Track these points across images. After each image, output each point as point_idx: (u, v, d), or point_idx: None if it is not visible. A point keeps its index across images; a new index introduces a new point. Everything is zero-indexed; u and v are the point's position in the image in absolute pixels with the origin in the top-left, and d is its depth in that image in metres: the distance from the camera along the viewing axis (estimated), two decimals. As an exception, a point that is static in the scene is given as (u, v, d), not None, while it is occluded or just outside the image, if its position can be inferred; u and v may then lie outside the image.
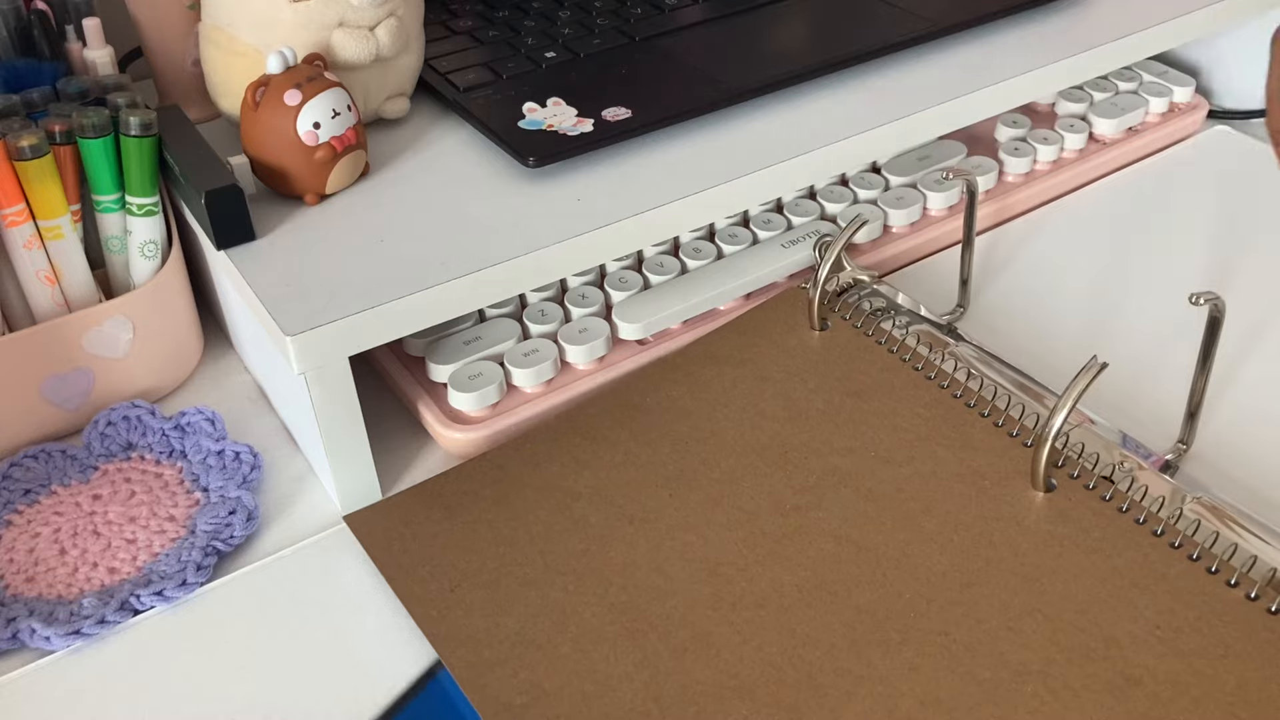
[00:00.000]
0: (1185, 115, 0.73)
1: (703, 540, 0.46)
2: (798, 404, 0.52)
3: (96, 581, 0.47)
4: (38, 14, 0.59)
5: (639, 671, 0.41)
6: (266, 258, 0.50)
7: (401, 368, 0.55)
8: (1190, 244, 0.64)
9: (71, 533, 0.49)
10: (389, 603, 0.45)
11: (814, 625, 0.42)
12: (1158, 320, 0.58)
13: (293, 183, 0.53)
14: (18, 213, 0.51)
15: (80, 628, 0.44)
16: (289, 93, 0.51)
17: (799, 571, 0.44)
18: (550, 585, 0.44)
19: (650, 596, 0.44)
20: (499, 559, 0.46)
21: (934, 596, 0.42)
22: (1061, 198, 0.69)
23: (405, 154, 0.58)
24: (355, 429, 0.49)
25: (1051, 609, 0.41)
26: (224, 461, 0.52)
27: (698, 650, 0.41)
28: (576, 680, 0.41)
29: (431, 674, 0.43)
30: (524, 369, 0.53)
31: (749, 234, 0.61)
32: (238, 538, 0.48)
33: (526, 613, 0.43)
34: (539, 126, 0.56)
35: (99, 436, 0.53)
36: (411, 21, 0.58)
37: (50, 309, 0.53)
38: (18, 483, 0.51)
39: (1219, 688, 0.38)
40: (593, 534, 0.46)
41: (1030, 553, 0.44)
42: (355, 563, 0.47)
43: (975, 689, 0.39)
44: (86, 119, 0.51)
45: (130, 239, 0.54)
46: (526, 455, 0.50)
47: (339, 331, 0.46)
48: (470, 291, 0.49)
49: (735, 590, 0.43)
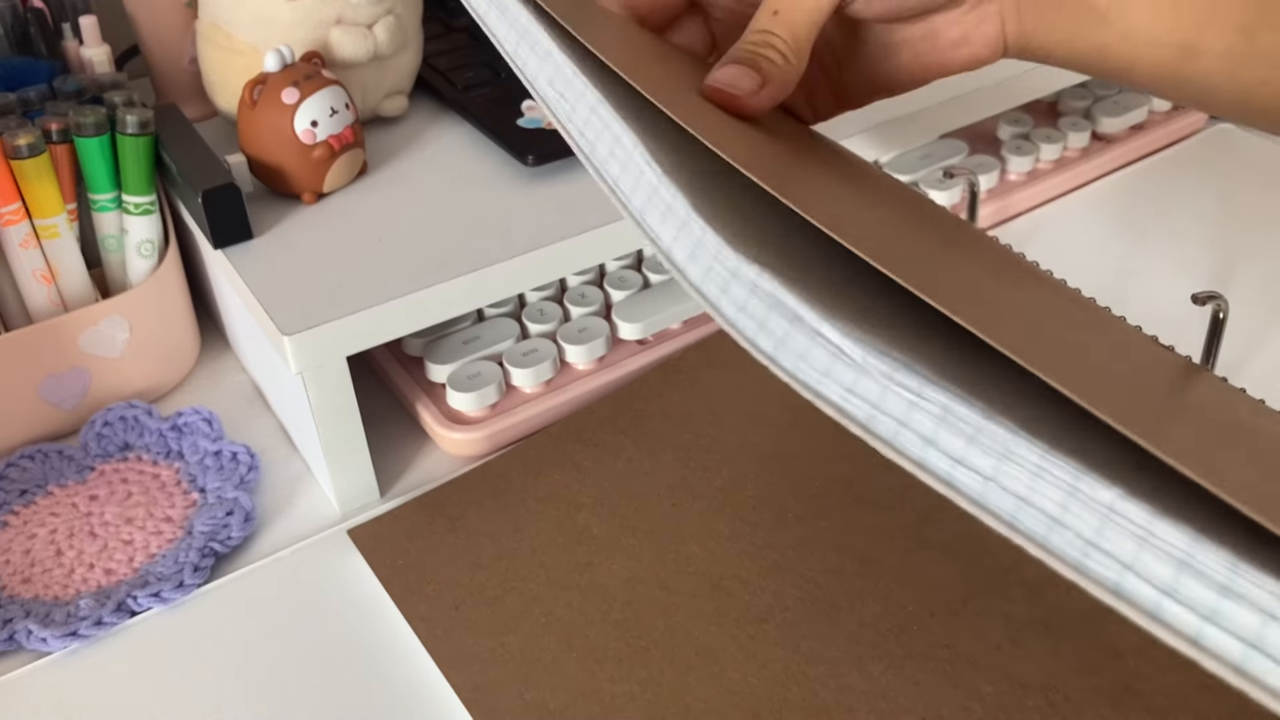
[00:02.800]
0: (1188, 113, 0.73)
1: (706, 552, 0.45)
2: (800, 410, 0.51)
3: (93, 582, 0.47)
4: (34, 12, 0.59)
5: (644, 691, 0.41)
6: (264, 257, 0.50)
7: (400, 368, 0.55)
8: (1193, 243, 0.63)
9: (68, 533, 0.48)
10: (386, 604, 0.45)
11: (817, 641, 0.42)
12: (1160, 320, 0.58)
13: (290, 181, 0.52)
14: (14, 211, 0.50)
15: (77, 629, 0.44)
16: (286, 91, 0.50)
17: (802, 584, 0.44)
18: (554, 601, 0.44)
19: (654, 612, 0.43)
20: (502, 574, 0.45)
21: (936, 609, 0.42)
22: (1064, 196, 0.68)
23: (403, 152, 0.57)
24: (353, 429, 0.49)
25: (1053, 619, 0.41)
26: (221, 462, 0.52)
27: (702, 668, 0.41)
28: (582, 700, 0.40)
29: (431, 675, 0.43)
30: (523, 369, 0.52)
31: (750, 233, 0.60)
32: (235, 539, 0.48)
33: (531, 631, 0.43)
34: (538, 125, 0.56)
35: (96, 437, 0.53)
36: (410, 19, 0.57)
37: (46, 308, 0.53)
38: (14, 483, 0.51)
39: (1221, 700, 0.38)
40: (596, 546, 0.46)
41: (1032, 562, 0.43)
42: (353, 564, 0.47)
43: (977, 704, 0.39)
44: (83, 117, 0.51)
45: (127, 238, 0.54)
46: (528, 464, 0.50)
47: (336, 331, 0.46)
48: (469, 291, 0.49)
49: (739, 605, 0.43)
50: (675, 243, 0.27)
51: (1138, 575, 0.20)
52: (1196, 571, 0.20)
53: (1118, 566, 0.20)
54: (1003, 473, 0.22)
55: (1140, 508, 0.20)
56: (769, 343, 0.25)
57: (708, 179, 0.28)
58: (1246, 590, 0.19)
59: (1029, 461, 0.22)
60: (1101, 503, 0.21)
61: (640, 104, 0.29)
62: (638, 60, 0.32)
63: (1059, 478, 0.21)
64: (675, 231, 0.27)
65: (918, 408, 0.23)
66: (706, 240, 0.27)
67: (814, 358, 0.25)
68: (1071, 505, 0.21)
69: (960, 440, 0.22)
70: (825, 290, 0.26)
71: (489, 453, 0.52)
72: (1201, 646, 0.20)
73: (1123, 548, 0.20)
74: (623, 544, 0.46)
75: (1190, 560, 0.20)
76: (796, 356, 0.25)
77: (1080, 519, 0.21)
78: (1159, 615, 0.20)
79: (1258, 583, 0.19)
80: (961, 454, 0.22)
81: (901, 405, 0.23)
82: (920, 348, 0.24)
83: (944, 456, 0.23)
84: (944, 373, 0.23)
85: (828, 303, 0.25)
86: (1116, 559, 0.20)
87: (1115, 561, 0.20)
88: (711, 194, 0.28)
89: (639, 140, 0.29)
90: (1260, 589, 0.19)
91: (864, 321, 0.25)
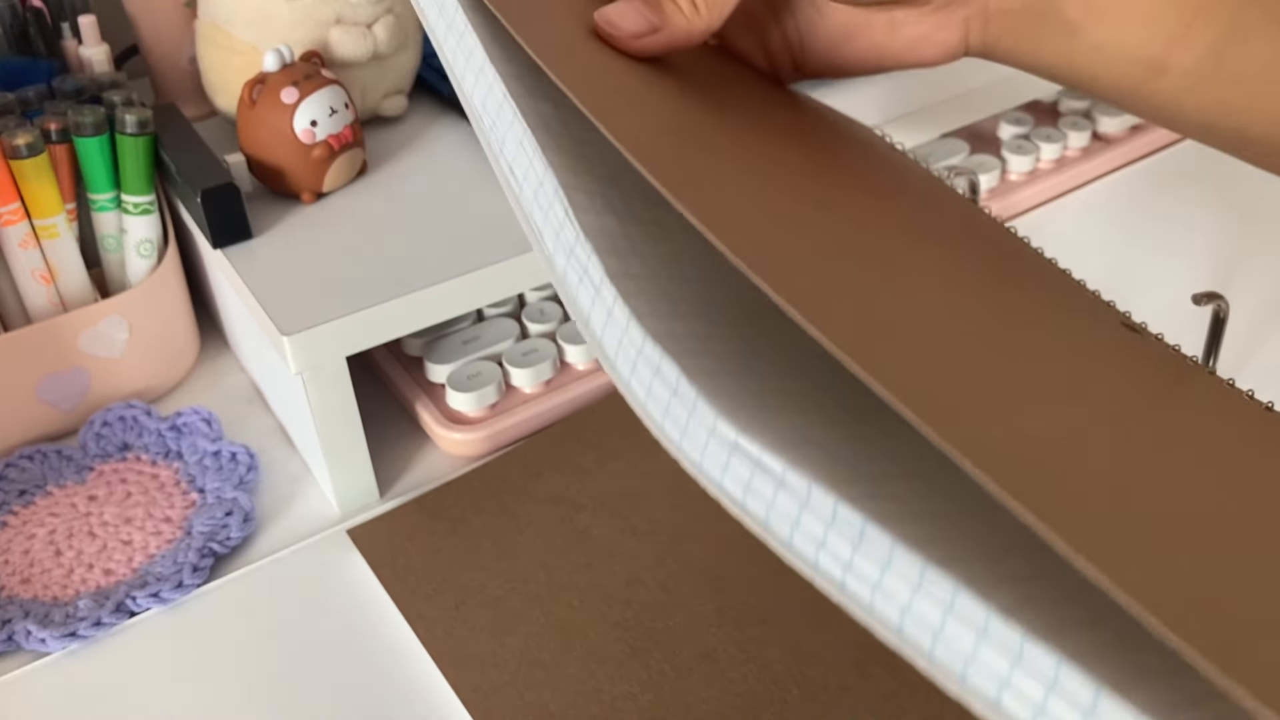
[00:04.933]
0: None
1: (706, 553, 0.45)
2: None
3: (92, 583, 0.46)
4: (33, 11, 0.59)
5: (644, 692, 0.40)
6: (263, 256, 0.50)
7: (399, 368, 0.55)
8: (1193, 243, 0.63)
9: (67, 534, 0.48)
10: (386, 605, 0.45)
11: (817, 642, 0.42)
12: (1161, 320, 0.58)
13: (290, 181, 0.52)
14: (13, 211, 0.50)
15: (76, 629, 0.44)
16: (286, 90, 0.50)
17: (802, 585, 0.43)
18: (554, 602, 0.44)
19: (654, 613, 0.43)
20: (503, 574, 0.45)
21: None
22: (1064, 196, 0.68)
23: (403, 152, 0.57)
24: (353, 429, 0.49)
25: None
26: (220, 462, 0.51)
27: (702, 669, 0.41)
28: (582, 701, 0.40)
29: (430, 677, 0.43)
30: (523, 369, 0.52)
31: (750, 233, 0.60)
32: (234, 539, 0.48)
33: (531, 631, 0.43)
34: (538, 125, 0.56)
35: (95, 437, 0.53)
36: (409, 19, 0.57)
37: (46, 308, 0.52)
38: (13, 483, 0.51)
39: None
40: (596, 547, 0.46)
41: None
42: (352, 564, 0.47)
43: None
44: (82, 117, 0.51)
45: (126, 238, 0.54)
46: (529, 464, 0.50)
47: (336, 331, 0.46)
48: (469, 291, 0.48)
49: (739, 606, 0.43)
50: (592, 309, 0.26)
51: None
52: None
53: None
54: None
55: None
56: (674, 431, 0.26)
57: (634, 203, 0.27)
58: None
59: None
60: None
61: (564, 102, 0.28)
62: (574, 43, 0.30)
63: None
64: (591, 296, 0.26)
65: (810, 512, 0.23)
66: (616, 312, 0.26)
67: (712, 451, 0.25)
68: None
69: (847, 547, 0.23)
70: (737, 353, 0.25)
71: (489, 453, 0.52)
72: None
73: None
74: (623, 545, 0.46)
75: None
76: (699, 449, 0.25)
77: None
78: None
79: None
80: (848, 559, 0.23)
81: (794, 508, 0.23)
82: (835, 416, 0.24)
83: (835, 560, 0.23)
84: (836, 462, 0.23)
85: (730, 383, 0.25)
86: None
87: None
88: (635, 237, 0.27)
89: (560, 187, 0.27)
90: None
91: (764, 403, 0.24)
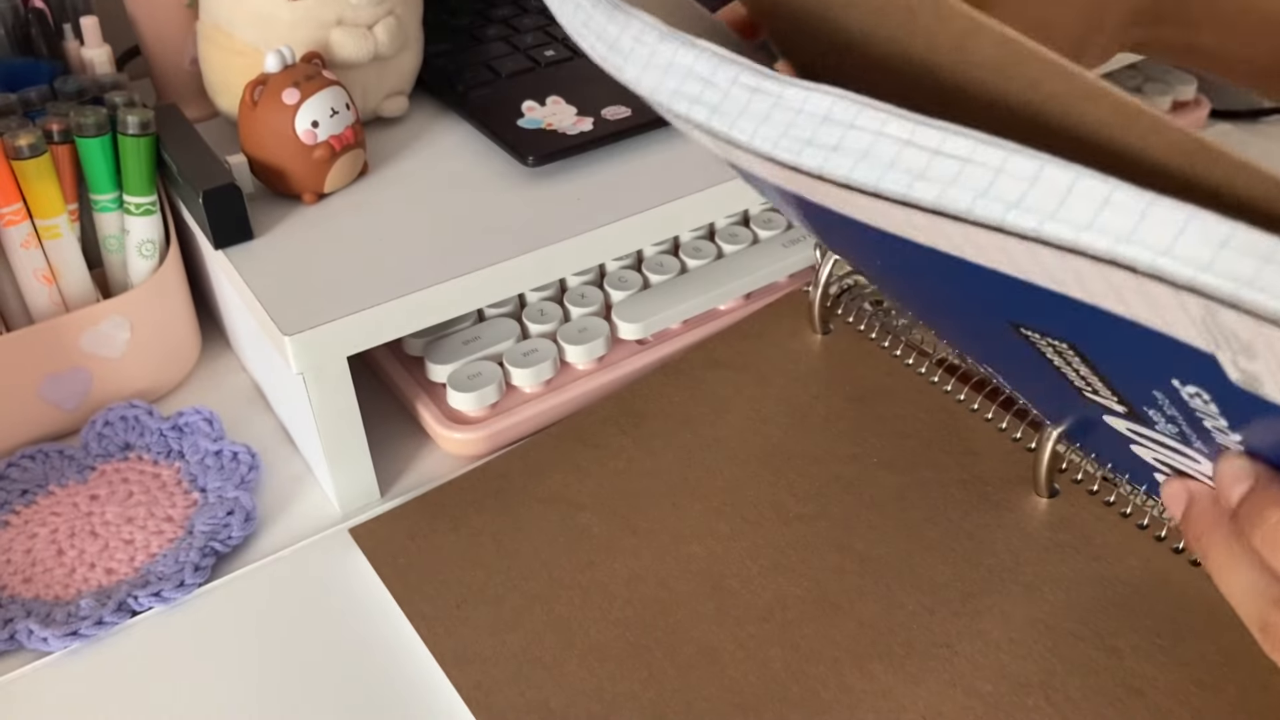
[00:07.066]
0: (1187, 114, 0.73)
1: (707, 551, 0.45)
2: (800, 409, 0.51)
3: (94, 582, 0.47)
4: (35, 12, 0.59)
5: (645, 690, 0.41)
6: (265, 257, 0.50)
7: (400, 368, 0.55)
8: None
9: (69, 533, 0.48)
10: (387, 604, 0.45)
11: (818, 640, 0.42)
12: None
13: (291, 182, 0.52)
14: (15, 212, 0.50)
15: (78, 629, 0.44)
16: (287, 91, 0.51)
17: (802, 583, 0.44)
18: (555, 600, 0.44)
19: (655, 611, 0.43)
20: (504, 572, 0.45)
21: (936, 608, 0.42)
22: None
23: (404, 153, 0.57)
24: (354, 429, 0.49)
25: (1053, 619, 0.41)
26: (222, 462, 0.52)
27: (703, 667, 0.41)
28: (583, 699, 0.40)
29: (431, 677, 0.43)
30: (523, 369, 0.52)
31: (749, 233, 0.60)
32: (236, 538, 0.48)
33: (532, 629, 0.43)
34: (538, 125, 0.56)
35: (96, 437, 0.53)
36: (410, 20, 0.58)
37: (48, 308, 0.53)
38: (15, 483, 0.51)
39: (1220, 697, 0.38)
40: (597, 546, 0.46)
41: (1032, 561, 0.43)
42: (354, 563, 0.47)
43: (978, 702, 0.39)
44: (84, 118, 0.51)
45: (128, 238, 0.54)
46: (530, 463, 0.50)
47: (337, 331, 0.46)
48: (469, 291, 0.49)
49: (739, 604, 0.43)
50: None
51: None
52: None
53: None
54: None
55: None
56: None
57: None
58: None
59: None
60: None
61: None
62: None
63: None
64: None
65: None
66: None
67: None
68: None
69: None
70: None
71: (489, 453, 0.52)
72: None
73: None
74: (623, 543, 0.46)
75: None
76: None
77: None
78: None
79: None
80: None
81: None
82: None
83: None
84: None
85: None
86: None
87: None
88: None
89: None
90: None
91: None
